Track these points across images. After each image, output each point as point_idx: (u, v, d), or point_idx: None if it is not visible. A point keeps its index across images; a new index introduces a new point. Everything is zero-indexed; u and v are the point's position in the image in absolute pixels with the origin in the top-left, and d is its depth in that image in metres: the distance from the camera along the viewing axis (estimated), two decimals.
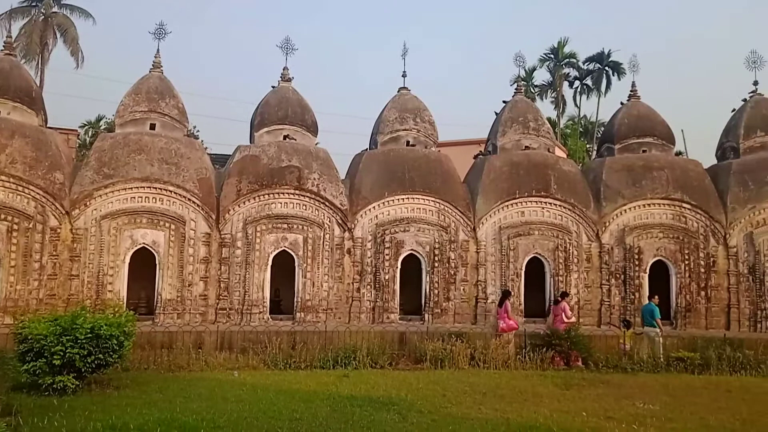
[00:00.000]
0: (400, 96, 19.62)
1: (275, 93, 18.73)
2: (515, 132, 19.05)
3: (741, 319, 17.16)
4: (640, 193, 17.83)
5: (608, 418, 8.32)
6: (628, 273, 17.44)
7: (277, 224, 16.63)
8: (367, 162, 18.19)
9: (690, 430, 7.74)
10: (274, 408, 8.52)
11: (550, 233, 17.55)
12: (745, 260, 17.40)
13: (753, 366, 12.88)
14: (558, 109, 45.17)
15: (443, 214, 17.47)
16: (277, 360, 12.44)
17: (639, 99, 20.13)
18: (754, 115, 18.99)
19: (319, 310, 16.53)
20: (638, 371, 12.80)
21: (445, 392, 10.00)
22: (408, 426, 7.64)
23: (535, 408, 8.93)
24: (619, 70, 42.48)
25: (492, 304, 17.29)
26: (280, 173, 16.87)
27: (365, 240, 17.19)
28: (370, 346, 13.08)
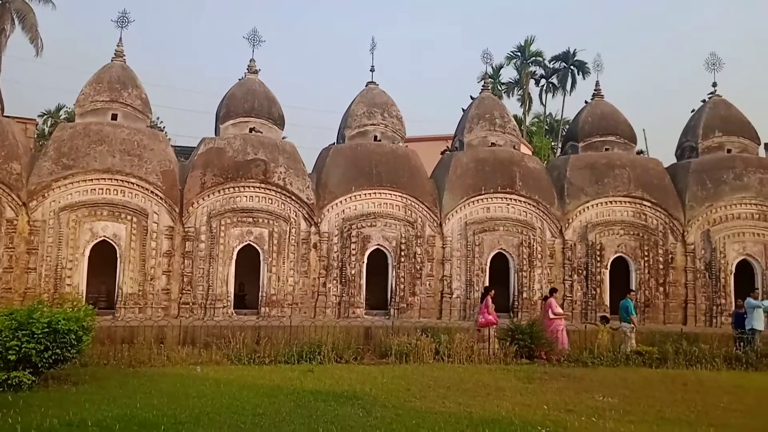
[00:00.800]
0: (368, 91, 19.59)
1: (241, 85, 18.51)
2: (482, 129, 19.21)
3: (697, 314, 17.66)
4: (603, 191, 18.17)
5: (568, 411, 8.45)
6: (590, 269, 17.78)
7: (242, 218, 16.45)
8: (335, 156, 18.13)
9: (647, 423, 7.91)
10: (237, 403, 8.44)
11: (514, 229, 17.76)
12: (702, 257, 17.89)
13: (708, 360, 13.23)
14: (524, 107, 45.71)
15: (410, 209, 17.52)
16: (241, 355, 12.30)
17: (603, 98, 20.51)
18: (712, 116, 19.51)
19: (284, 305, 16.43)
20: (598, 365, 13.04)
21: (410, 386, 10.03)
22: (372, 420, 7.64)
23: (498, 401, 9.03)
24: (584, 70, 43.17)
25: (457, 299, 17.45)
26: (245, 166, 16.69)
27: (332, 234, 17.14)
28: (336, 341, 13.03)
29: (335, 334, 13.40)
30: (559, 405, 8.86)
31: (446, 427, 7.35)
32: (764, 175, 18.12)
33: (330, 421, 7.51)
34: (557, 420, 7.90)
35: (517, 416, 8.03)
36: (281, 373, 11.06)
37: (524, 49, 45.21)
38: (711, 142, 19.20)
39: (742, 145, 19.08)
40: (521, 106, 45.71)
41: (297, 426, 7.26)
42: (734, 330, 15.09)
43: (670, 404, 9.18)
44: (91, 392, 8.97)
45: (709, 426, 7.76)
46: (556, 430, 7.32)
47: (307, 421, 7.49)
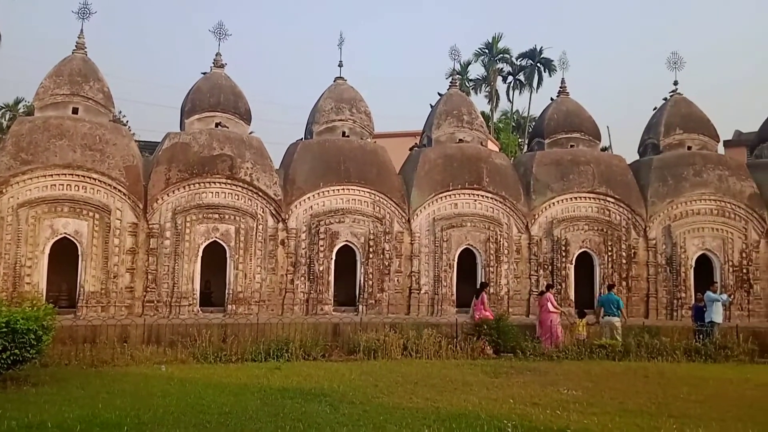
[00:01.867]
0: (336, 86, 19.51)
1: (207, 79, 18.25)
2: (450, 125, 19.31)
3: (659, 307, 18.06)
4: (568, 187, 18.44)
5: (534, 405, 8.56)
6: (556, 264, 18.04)
7: (208, 214, 16.24)
8: (302, 152, 18.01)
9: (609, 414, 8.06)
10: (202, 402, 8.33)
11: (482, 225, 17.91)
12: (663, 252, 18.30)
13: (669, 352, 13.56)
14: (491, 104, 46.06)
15: (378, 205, 17.52)
16: (207, 353, 12.16)
17: (568, 95, 20.80)
18: (673, 114, 19.95)
19: (251, 302, 16.28)
20: (563, 359, 13.26)
21: (378, 383, 10.04)
22: (339, 417, 7.63)
23: (465, 396, 9.10)
24: (550, 67, 43.68)
25: (425, 295, 17.54)
26: (211, 162, 16.47)
27: (299, 231, 17.04)
28: (303, 338, 12.98)
29: (303, 331, 13.36)
30: (525, 398, 8.98)
31: (413, 422, 7.37)
32: (723, 172, 18.59)
33: (297, 418, 7.48)
34: (523, 413, 8.00)
35: (483, 410, 8.11)
36: (248, 371, 10.97)
37: (492, 47, 45.54)
38: (672, 139, 19.63)
39: (701, 142, 19.55)
40: (489, 103, 46.09)
41: (263, 424, 7.21)
42: (694, 323, 15.47)
43: (632, 396, 9.38)
44: (52, 393, 8.76)
45: (669, 417, 7.95)
46: (521, 423, 7.41)
47: (273, 419, 7.44)
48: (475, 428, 7.12)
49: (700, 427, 7.39)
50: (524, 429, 7.13)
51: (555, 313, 15.02)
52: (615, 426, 7.41)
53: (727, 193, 18.29)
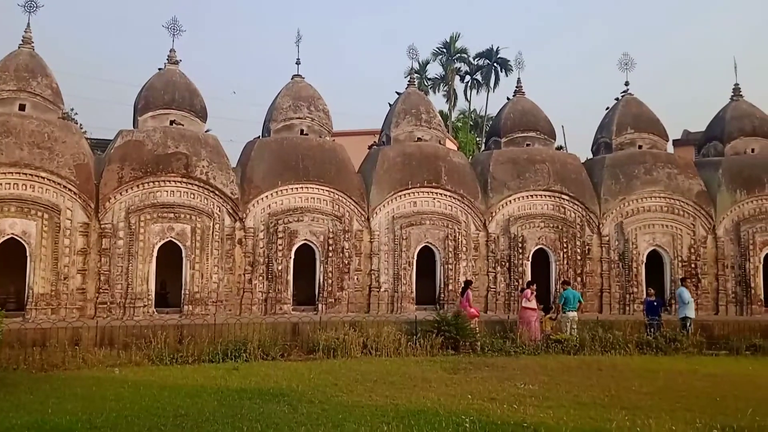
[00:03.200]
0: (294, 83, 19.36)
1: (161, 76, 17.87)
2: (408, 123, 19.39)
3: (612, 302, 18.53)
4: (524, 185, 18.74)
5: (491, 400, 8.69)
6: (513, 261, 18.31)
7: (162, 213, 15.92)
8: (260, 150, 17.83)
9: (564, 407, 8.24)
10: (157, 405, 8.17)
11: (440, 223, 18.05)
12: (616, 248, 18.78)
13: (621, 345, 13.94)
14: (449, 103, 46.41)
15: (337, 203, 17.48)
16: (163, 355, 11.93)
17: (524, 95, 21.13)
18: (625, 113, 20.49)
19: (208, 303, 16.03)
20: (520, 354, 13.48)
21: (337, 381, 10.03)
22: (298, 417, 7.59)
23: (424, 393, 9.17)
24: (506, 67, 44.24)
25: (385, 293, 17.58)
26: (166, 160, 16.14)
27: (257, 230, 16.87)
28: (262, 338, 12.86)
29: (261, 331, 13.22)
30: (483, 394, 9.10)
31: (372, 420, 7.39)
32: (672, 170, 19.19)
33: (255, 419, 7.40)
34: (481, 408, 8.11)
35: (442, 406, 8.18)
36: (205, 373, 10.81)
37: (449, 46, 45.90)
38: (624, 138, 20.16)
39: (652, 141, 20.13)
40: (447, 102, 46.43)
41: (221, 426, 7.11)
42: (646, 317, 15.90)
43: (586, 389, 9.61)
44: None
45: (622, 408, 8.16)
46: (479, 418, 7.50)
47: (231, 420, 7.34)
48: (434, 424, 7.18)
49: (651, 418, 7.62)
50: (482, 424, 7.22)
51: (532, 309, 15.18)
52: (569, 419, 7.57)
53: (676, 190, 18.88)
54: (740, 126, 20.30)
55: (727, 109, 20.88)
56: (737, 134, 20.19)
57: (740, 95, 21.00)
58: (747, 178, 19.12)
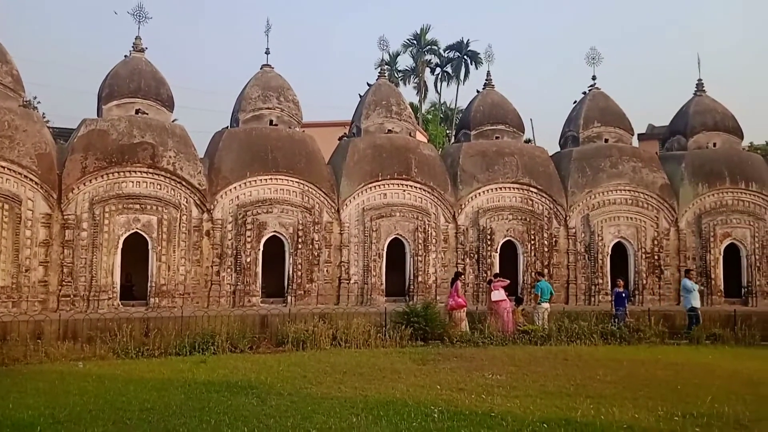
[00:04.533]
0: (263, 73, 19.15)
1: (126, 64, 17.49)
2: (378, 115, 19.36)
3: (578, 293, 18.85)
4: (493, 178, 18.89)
5: (460, 390, 8.76)
6: (481, 252, 18.48)
7: (128, 204, 15.63)
8: (228, 141, 17.61)
9: (531, 397, 8.36)
10: (122, 399, 8.04)
11: (410, 215, 18.10)
12: (582, 240, 19.09)
13: (587, 336, 14.18)
14: (420, 95, 46.47)
15: (307, 195, 17.38)
16: (128, 348, 11.74)
17: (493, 88, 21.26)
18: (592, 108, 20.79)
19: (175, 295, 15.82)
20: (488, 344, 13.62)
21: (306, 373, 10.00)
22: (267, 409, 7.55)
23: (393, 384, 9.20)
24: (476, 60, 44.45)
25: (355, 285, 17.58)
26: (131, 150, 15.84)
27: (225, 221, 16.69)
28: (230, 331, 12.74)
29: (230, 323, 13.10)
30: (452, 384, 9.17)
31: (341, 411, 7.39)
32: (637, 164, 19.55)
33: (223, 411, 7.35)
34: (449, 399, 8.18)
35: (411, 397, 8.23)
36: (172, 366, 10.67)
37: (420, 38, 45.90)
38: (590, 131, 20.45)
39: (618, 135, 20.47)
40: (417, 94, 46.49)
41: (188, 419, 7.03)
42: (614, 308, 16.10)
43: (552, 378, 9.76)
44: None
45: (587, 397, 8.32)
46: (447, 408, 7.56)
47: (198, 413, 7.27)
48: (403, 415, 7.21)
49: (615, 406, 7.78)
50: (450, 414, 7.29)
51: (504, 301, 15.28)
52: (536, 408, 7.68)
53: (640, 183, 19.25)
54: (703, 121, 20.77)
55: (690, 104, 21.33)
56: (700, 129, 20.66)
57: (703, 90, 21.46)
58: (708, 172, 19.58)
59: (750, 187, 19.33)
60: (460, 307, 15.06)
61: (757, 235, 19.13)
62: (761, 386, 9.42)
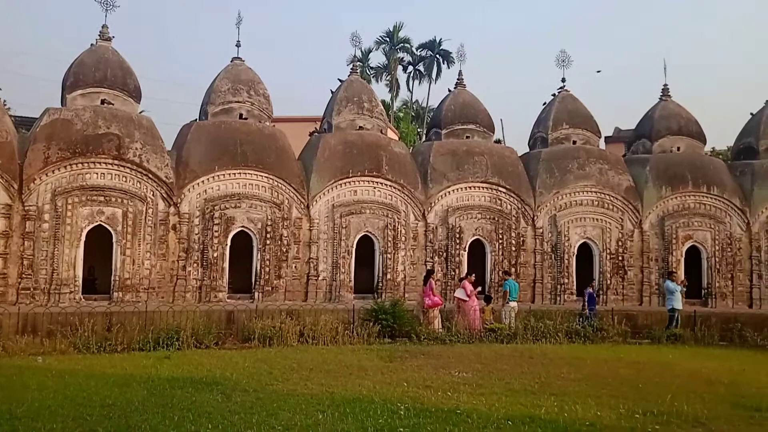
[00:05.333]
0: (234, 66, 18.91)
1: (92, 52, 17.09)
2: (350, 111, 19.30)
3: (544, 292, 19.09)
4: (463, 177, 19.00)
5: (426, 387, 8.80)
6: (450, 251, 18.58)
7: (92, 196, 15.29)
8: (197, 133, 17.35)
9: (496, 394, 8.44)
10: (83, 394, 7.86)
11: (380, 212, 18.09)
12: (549, 240, 19.33)
13: (552, 334, 14.40)
14: (392, 92, 46.48)
15: (277, 190, 17.24)
16: (90, 343, 11.50)
17: (465, 87, 21.37)
18: (561, 109, 21.06)
19: (139, 290, 15.55)
20: (455, 342, 13.71)
21: (272, 370, 9.93)
22: (232, 405, 7.46)
23: (360, 381, 9.19)
24: (448, 59, 44.66)
25: (323, 281, 17.51)
26: (96, 141, 15.49)
27: (193, 216, 16.45)
28: (196, 326, 12.57)
29: (195, 318, 12.93)
30: (418, 382, 9.20)
31: (307, 408, 7.35)
32: (603, 166, 19.87)
33: (186, 408, 7.24)
34: (415, 396, 8.20)
35: (377, 394, 8.23)
36: (135, 361, 10.49)
37: (393, 36, 45.91)
38: (559, 133, 20.72)
39: (585, 137, 20.78)
40: (389, 92, 46.49)
41: (150, 415, 6.91)
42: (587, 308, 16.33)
43: (517, 376, 9.87)
44: None
45: (551, 395, 8.43)
46: (413, 405, 7.59)
47: (161, 409, 7.15)
48: (369, 412, 7.21)
49: (578, 403, 7.90)
50: (416, 411, 7.31)
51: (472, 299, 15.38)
52: (501, 405, 7.75)
53: (606, 185, 19.57)
54: (667, 125, 21.21)
55: (655, 109, 21.77)
56: (664, 133, 21.09)
57: (668, 95, 21.92)
58: (672, 175, 20.01)
59: (711, 191, 19.82)
60: (436, 306, 15.16)
61: (718, 238, 19.62)
62: (719, 385, 9.67)
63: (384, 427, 6.65)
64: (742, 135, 21.97)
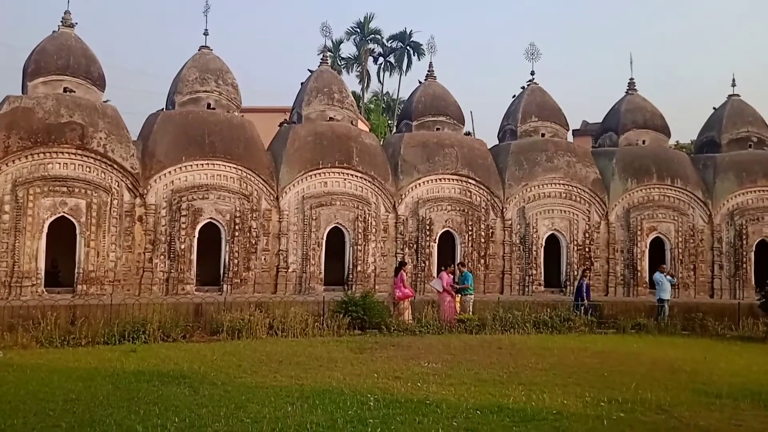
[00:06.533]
0: (201, 55, 18.61)
1: (54, 39, 16.63)
2: (320, 102, 19.16)
3: (512, 283, 19.30)
4: (433, 169, 19.06)
5: (396, 378, 8.82)
6: (420, 242, 18.64)
7: (54, 187, 14.93)
8: (163, 123, 17.04)
9: (465, 384, 8.51)
10: (45, 389, 7.69)
11: (351, 204, 18.04)
12: (518, 231, 19.54)
13: (520, 325, 14.57)
14: (362, 84, 46.31)
15: (245, 181, 17.05)
16: (53, 337, 11.24)
17: (435, 79, 21.40)
18: (530, 102, 21.25)
19: (104, 282, 15.26)
20: (425, 333, 13.77)
21: (241, 362, 9.84)
22: (199, 399, 7.38)
23: (330, 373, 9.18)
24: (419, 51, 44.65)
25: (293, 273, 17.41)
26: (59, 130, 15.10)
27: (159, 207, 16.18)
28: (162, 319, 12.38)
29: (162, 311, 12.74)
30: (388, 373, 9.22)
31: (276, 400, 7.31)
32: (571, 159, 20.13)
33: (153, 401, 7.13)
34: (385, 387, 8.22)
35: (347, 386, 8.23)
36: (99, 355, 10.30)
37: (363, 26, 45.70)
38: (528, 126, 20.91)
39: (553, 130, 21.02)
40: (360, 83, 46.31)
41: (115, 409, 6.79)
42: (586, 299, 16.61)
43: (486, 367, 9.96)
44: None
45: (519, 384, 8.54)
46: (383, 396, 7.60)
47: (127, 403, 7.03)
48: (339, 404, 7.20)
49: (545, 393, 8.02)
50: (386, 402, 7.32)
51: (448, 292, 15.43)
52: (470, 395, 7.82)
53: (574, 178, 19.84)
54: (633, 119, 21.59)
55: (622, 103, 22.12)
56: (630, 126, 21.46)
57: (635, 89, 22.29)
58: (637, 168, 20.38)
59: (675, 183, 20.25)
60: (407, 297, 15.19)
61: (681, 230, 20.07)
62: (681, 373, 9.91)
63: (354, 418, 6.65)
64: (704, 129, 22.48)
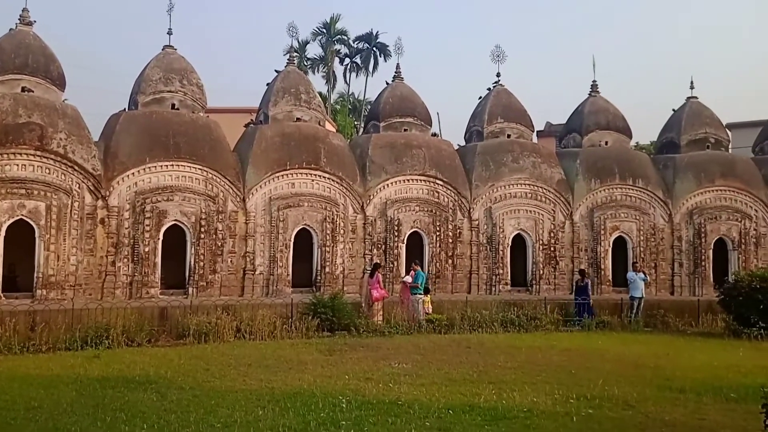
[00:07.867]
0: (165, 54, 18.27)
1: (12, 37, 16.12)
2: (287, 103, 19.01)
3: (480, 283, 19.45)
4: (401, 170, 19.09)
5: (367, 379, 8.82)
6: (389, 243, 18.65)
7: (12, 189, 14.46)
8: (126, 124, 16.68)
9: (436, 384, 8.56)
10: (5, 397, 7.46)
11: (319, 205, 17.94)
12: (485, 231, 19.71)
13: (488, 324, 14.72)
14: (329, 84, 46.22)
15: (211, 183, 16.81)
16: (12, 344, 10.92)
17: (403, 80, 21.44)
18: (496, 104, 21.46)
19: (65, 287, 14.85)
20: (394, 334, 13.79)
21: (209, 366, 9.71)
22: (167, 404, 7.24)
23: (300, 375, 9.12)
24: (385, 52, 44.76)
25: (260, 276, 17.23)
26: (16, 130, 14.64)
27: (122, 209, 15.83)
28: (127, 324, 12.15)
29: (126, 315, 12.49)
30: (358, 374, 9.21)
31: (247, 404, 7.23)
32: (536, 159, 20.41)
33: (119, 408, 6.98)
34: (356, 388, 8.21)
35: (318, 388, 8.19)
36: (61, 361, 10.05)
37: (329, 27, 45.58)
38: (494, 127, 21.12)
39: (519, 131, 21.27)
40: (326, 84, 46.19)
41: (80, 417, 6.62)
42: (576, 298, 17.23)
43: (456, 366, 10.03)
44: None
45: (489, 383, 8.62)
46: (355, 398, 7.58)
47: (92, 410, 6.87)
48: (310, 406, 7.16)
49: (515, 391, 8.11)
50: (357, 403, 7.31)
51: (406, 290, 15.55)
52: (441, 395, 7.86)
53: (539, 178, 20.12)
54: (596, 120, 21.99)
55: (585, 104, 22.52)
56: (593, 127, 21.85)
57: (597, 91, 22.70)
58: (600, 169, 20.77)
59: (637, 183, 20.69)
60: (383, 298, 15.25)
61: (642, 229, 20.51)
62: (645, 369, 10.14)
63: (326, 420, 6.61)
64: (664, 130, 23.03)
